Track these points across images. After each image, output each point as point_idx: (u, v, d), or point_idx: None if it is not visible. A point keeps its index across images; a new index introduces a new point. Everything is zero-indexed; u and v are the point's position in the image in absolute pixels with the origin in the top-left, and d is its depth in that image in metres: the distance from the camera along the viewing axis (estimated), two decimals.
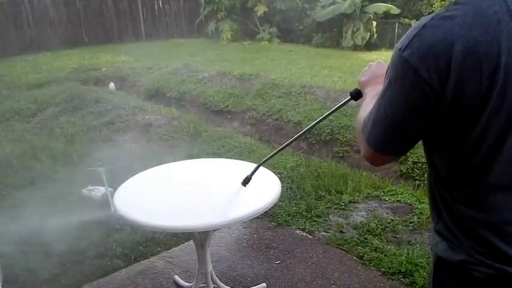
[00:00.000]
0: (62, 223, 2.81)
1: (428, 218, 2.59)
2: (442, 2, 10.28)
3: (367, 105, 0.85)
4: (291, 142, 1.52)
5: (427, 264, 2.15)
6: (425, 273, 2.06)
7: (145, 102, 6.03)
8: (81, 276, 2.36)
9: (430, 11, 10.73)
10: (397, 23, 10.84)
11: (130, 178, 1.90)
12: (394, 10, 10.57)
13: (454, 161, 0.77)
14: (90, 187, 3.29)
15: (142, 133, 4.60)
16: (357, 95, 1.10)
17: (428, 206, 0.91)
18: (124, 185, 1.83)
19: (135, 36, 14.25)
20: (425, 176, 3.24)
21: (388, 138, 0.78)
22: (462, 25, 0.67)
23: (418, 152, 3.50)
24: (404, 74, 0.72)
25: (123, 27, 14.17)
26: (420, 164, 3.42)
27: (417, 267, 2.10)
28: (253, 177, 1.65)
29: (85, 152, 4.08)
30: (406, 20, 10.93)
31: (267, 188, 1.68)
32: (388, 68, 0.77)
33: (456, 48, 0.66)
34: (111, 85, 7.31)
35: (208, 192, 1.75)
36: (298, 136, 1.60)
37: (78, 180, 3.45)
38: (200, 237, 1.72)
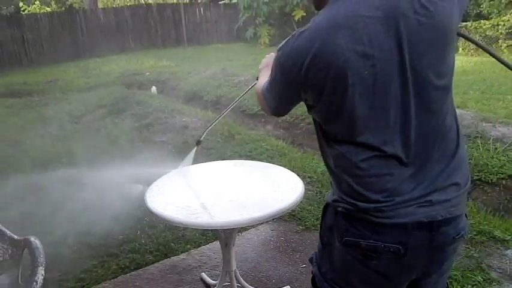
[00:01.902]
0: (100, 218, 2.99)
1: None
2: (491, 2, 9.77)
3: (262, 81, 1.22)
4: (226, 111, 2.06)
5: (462, 277, 2.08)
6: (458, 286, 1.99)
7: (183, 105, 6.24)
8: (117, 268, 2.50)
9: (478, 11, 10.23)
10: None
11: (163, 176, 2.00)
12: None
13: (321, 122, 1.06)
14: (129, 185, 3.47)
15: (179, 135, 4.77)
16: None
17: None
18: (156, 182, 1.93)
19: (177, 41, 14.77)
20: None
21: (276, 102, 1.14)
22: (309, 38, 0.97)
23: None
24: (279, 65, 1.05)
25: (166, 34, 14.73)
26: None
27: (450, 280, 2.01)
28: (279, 179, 1.80)
29: (126, 152, 4.30)
30: None
31: (290, 190, 1.71)
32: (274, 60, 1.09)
33: (306, 56, 0.96)
34: (153, 89, 7.63)
35: (235, 192, 1.82)
36: (229, 109, 2.08)
37: (118, 178, 3.64)
38: (224, 236, 1.78)
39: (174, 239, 2.74)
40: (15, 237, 1.87)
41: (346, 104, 0.95)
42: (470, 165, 3.26)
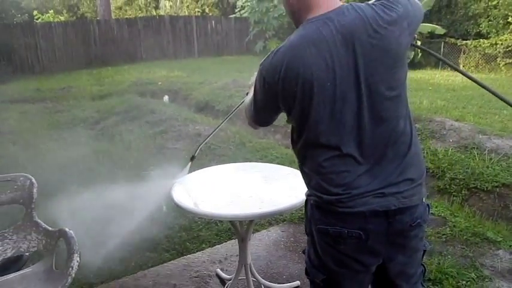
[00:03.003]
0: (119, 219, 3.15)
1: (461, 230, 2.66)
2: (490, 22, 10.01)
3: (248, 98, 1.42)
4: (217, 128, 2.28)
5: (457, 274, 2.24)
6: (454, 282, 2.14)
7: (196, 114, 6.44)
8: (135, 265, 2.65)
9: (477, 30, 10.46)
10: (442, 43, 10.68)
11: (184, 176, 2.16)
12: (439, 30, 10.44)
13: (295, 127, 1.25)
14: (145, 188, 3.63)
15: (192, 142, 4.95)
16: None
17: (461, 219, 1.28)
18: (179, 180, 2.11)
19: (189, 53, 15.07)
20: (462, 191, 3.28)
21: (259, 113, 1.34)
22: (284, 53, 1.17)
23: (455, 169, 3.54)
24: (261, 77, 1.23)
25: (178, 45, 15.04)
26: (458, 180, 3.46)
27: (446, 276, 2.17)
28: (291, 179, 1.94)
29: (140, 157, 4.48)
30: (452, 40, 10.75)
31: (301, 189, 1.87)
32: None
33: (281, 68, 1.16)
34: (166, 98, 7.85)
35: (252, 190, 1.99)
36: (227, 118, 2.28)
37: (133, 182, 3.80)
38: (242, 231, 1.94)
39: (189, 239, 2.89)
40: (50, 228, 2.05)
41: (312, 109, 1.15)
42: (467, 173, 3.48)
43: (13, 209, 2.14)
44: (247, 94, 1.55)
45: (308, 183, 1.28)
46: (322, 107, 1.14)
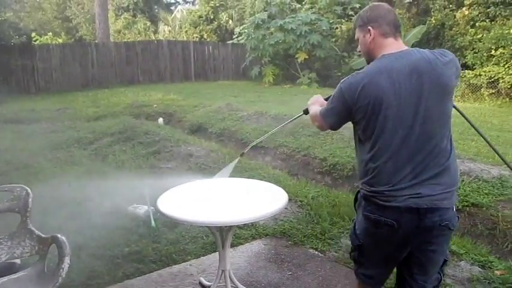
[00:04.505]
0: (110, 233, 3.27)
1: None
2: (475, 54, 10.47)
3: (315, 110, 1.82)
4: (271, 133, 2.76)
5: None
6: None
7: (189, 136, 6.63)
8: (123, 275, 2.77)
9: (463, 62, 10.90)
10: None
11: (172, 188, 2.34)
12: None
13: (360, 134, 1.62)
14: (135, 205, 3.77)
15: (184, 162, 5.12)
16: (306, 111, 2.02)
17: None
18: (165, 193, 2.28)
19: (185, 77, 15.39)
20: None
21: (333, 119, 1.71)
22: (362, 76, 1.58)
23: None
24: (341, 92, 1.63)
25: (175, 69, 15.36)
26: None
27: None
28: (267, 194, 2.15)
29: (133, 176, 4.62)
30: None
31: (276, 201, 2.06)
32: (334, 92, 1.68)
33: (359, 86, 1.56)
34: (160, 120, 8.04)
35: (232, 201, 2.17)
36: (281, 127, 2.72)
37: (125, 199, 3.93)
38: (222, 238, 2.11)
39: (176, 251, 3.02)
40: (43, 235, 2.19)
41: (378, 122, 1.54)
42: None
43: (7, 216, 2.26)
44: (304, 112, 2.05)
45: (361, 177, 1.66)
46: (386, 120, 1.53)
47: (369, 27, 1.64)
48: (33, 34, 17.27)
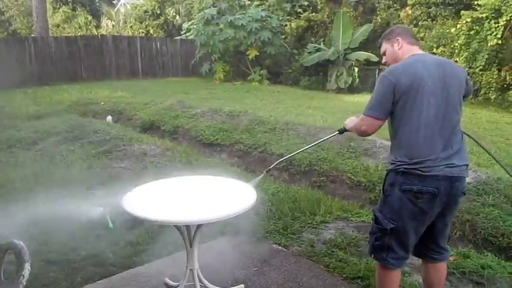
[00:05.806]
0: (64, 237, 3.12)
1: None
2: None
3: (355, 120, 2.18)
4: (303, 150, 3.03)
5: None
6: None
7: (141, 134, 6.44)
8: (81, 280, 2.66)
9: None
10: (377, 70, 11.70)
11: (136, 187, 2.28)
12: (374, 58, 11.44)
13: (398, 110, 1.90)
14: (90, 206, 3.62)
15: (138, 161, 4.97)
16: (342, 131, 2.33)
17: None
18: (130, 193, 2.21)
19: (133, 73, 14.90)
20: None
21: (379, 110, 1.93)
22: (401, 64, 1.97)
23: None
24: (385, 77, 1.92)
25: (121, 65, 14.83)
26: None
27: (373, 273, 2.45)
28: (235, 191, 2.18)
29: (84, 177, 4.41)
30: (386, 67, 11.85)
31: (244, 198, 2.09)
32: (375, 87, 1.97)
33: (400, 70, 1.94)
34: (109, 118, 7.73)
35: (201, 199, 2.17)
36: (308, 147, 3.08)
37: (78, 201, 3.76)
38: (189, 236, 2.09)
39: (136, 253, 2.95)
40: None
41: (416, 99, 1.85)
42: None
43: None
44: (340, 131, 2.35)
45: (397, 153, 1.90)
46: (422, 98, 1.84)
47: (398, 38, 2.05)
48: None
